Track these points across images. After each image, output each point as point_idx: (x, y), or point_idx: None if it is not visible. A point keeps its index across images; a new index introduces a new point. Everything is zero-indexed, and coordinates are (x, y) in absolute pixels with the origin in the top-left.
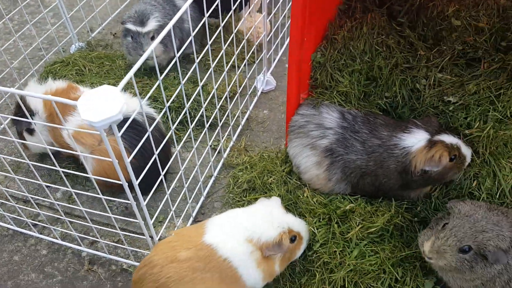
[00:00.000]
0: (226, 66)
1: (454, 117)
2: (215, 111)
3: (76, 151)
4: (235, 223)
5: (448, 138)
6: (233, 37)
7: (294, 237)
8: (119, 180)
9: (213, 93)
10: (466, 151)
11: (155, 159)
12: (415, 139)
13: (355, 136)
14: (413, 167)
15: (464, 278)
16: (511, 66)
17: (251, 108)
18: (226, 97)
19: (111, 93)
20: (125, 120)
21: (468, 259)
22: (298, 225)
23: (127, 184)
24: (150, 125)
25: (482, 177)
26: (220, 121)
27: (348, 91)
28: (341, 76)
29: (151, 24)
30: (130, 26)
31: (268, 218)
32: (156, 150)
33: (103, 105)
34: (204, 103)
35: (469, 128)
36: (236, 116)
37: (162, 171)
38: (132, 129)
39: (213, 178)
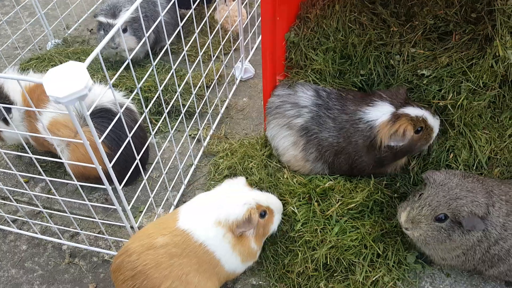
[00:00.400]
0: (201, 51)
1: (428, 90)
2: (191, 97)
3: (51, 143)
4: (204, 207)
5: (413, 111)
6: (207, 26)
7: (263, 212)
8: (96, 170)
9: (186, 79)
10: (433, 122)
11: (129, 144)
12: (379, 113)
13: (328, 113)
14: (379, 143)
15: (445, 248)
16: (481, 37)
17: (230, 96)
18: (203, 85)
19: (77, 69)
20: (101, 110)
21: (444, 228)
22: (266, 199)
23: (100, 167)
24: (127, 116)
25: (457, 149)
26: (198, 108)
27: (322, 69)
28: (315, 54)
29: (123, 16)
30: (102, 18)
31: (234, 197)
32: (133, 140)
33: (69, 81)
34: (178, 88)
35: (443, 100)
36: (214, 104)
37: (138, 158)
38: (108, 120)
39: (193, 167)
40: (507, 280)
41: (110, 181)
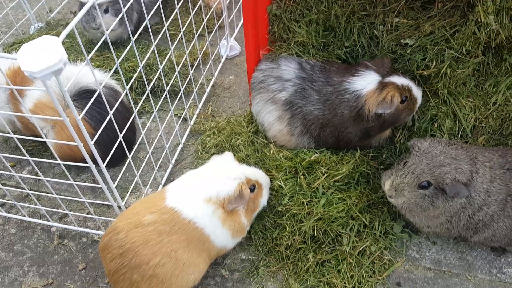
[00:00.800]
0: (182, 28)
1: (412, 59)
2: (174, 76)
3: (36, 126)
4: (193, 185)
5: (399, 79)
6: (188, 3)
7: (253, 186)
8: (80, 151)
9: (168, 57)
10: (417, 92)
11: (110, 120)
12: (365, 82)
13: (312, 85)
14: (366, 112)
15: (429, 216)
16: (464, 3)
17: (216, 74)
18: (187, 64)
19: (51, 43)
20: (86, 91)
21: (428, 195)
22: (255, 173)
23: (82, 145)
24: (112, 97)
25: (441, 118)
26: (182, 87)
27: (305, 41)
28: (298, 26)
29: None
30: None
31: (223, 173)
32: (119, 121)
33: (43, 55)
34: (160, 65)
35: (427, 69)
36: (199, 83)
37: (121, 136)
38: (93, 101)
39: (180, 146)
40: (492, 245)
41: (97, 162)
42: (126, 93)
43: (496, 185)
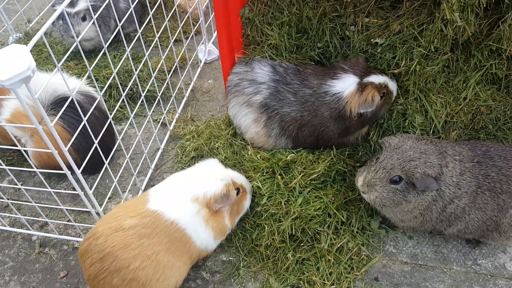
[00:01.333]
0: (157, 33)
1: (383, 58)
2: (150, 81)
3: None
4: (178, 186)
5: (377, 78)
6: (162, 7)
7: (238, 189)
8: (59, 162)
9: (144, 62)
10: (393, 86)
11: (94, 132)
12: (345, 84)
13: (287, 88)
14: (348, 112)
15: (402, 210)
16: (430, 1)
17: (194, 79)
18: (164, 69)
19: (19, 51)
20: (63, 99)
21: (399, 189)
22: (239, 177)
23: (56, 152)
24: (90, 104)
25: (412, 115)
26: (159, 92)
27: (278, 44)
28: (270, 29)
29: (81, 4)
30: (59, 7)
31: (210, 174)
32: (98, 128)
33: (11, 63)
34: (136, 70)
35: (397, 67)
36: (178, 88)
37: (96, 142)
38: (72, 109)
39: (160, 150)
40: (466, 237)
41: (78, 169)
42: (104, 100)
43: (466, 178)
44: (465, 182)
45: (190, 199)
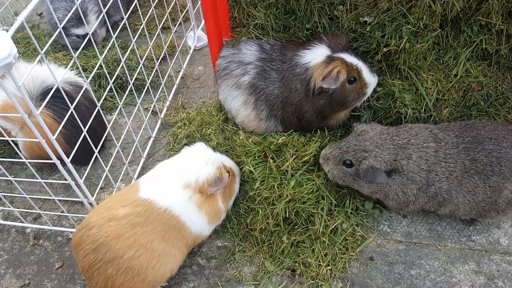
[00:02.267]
0: (144, 20)
1: (372, 37)
2: (138, 68)
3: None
4: (168, 173)
5: (350, 58)
6: None
7: (228, 172)
8: (48, 151)
9: (130, 49)
10: (369, 77)
11: (84, 122)
12: (314, 55)
13: (271, 65)
14: (312, 84)
15: (366, 192)
16: None
17: (184, 66)
18: (157, 57)
19: (0, 38)
20: (54, 90)
21: (350, 173)
22: (228, 161)
23: (44, 141)
24: (78, 94)
25: (402, 94)
26: (148, 79)
27: (264, 24)
28: (256, 11)
29: (93, 21)
30: (77, 31)
31: (200, 159)
32: (88, 119)
33: None
34: (123, 57)
35: (387, 46)
36: (167, 75)
37: (85, 130)
38: (61, 99)
39: (152, 139)
40: (463, 218)
41: (72, 160)
42: (94, 90)
43: (445, 165)
44: (443, 169)
45: (181, 185)
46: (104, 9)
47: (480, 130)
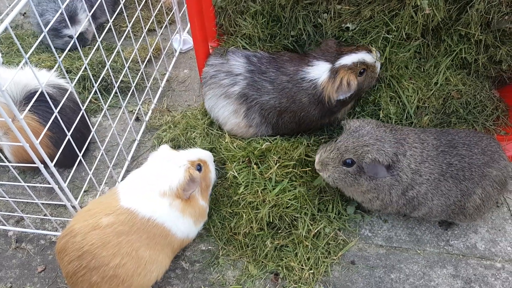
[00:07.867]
0: (129, 23)
1: (355, 42)
2: (124, 71)
3: None
4: (144, 183)
5: (349, 58)
6: None
7: (199, 166)
8: (37, 153)
9: (116, 51)
10: (371, 58)
11: (70, 126)
12: (318, 71)
13: (263, 77)
14: (327, 99)
15: (357, 191)
16: None
17: (170, 68)
18: (142, 60)
19: None
20: (36, 93)
21: (351, 172)
22: (194, 154)
23: (28, 145)
24: (63, 96)
25: (385, 101)
26: (133, 82)
27: (251, 34)
28: (243, 19)
29: (83, 20)
30: (68, 31)
31: (166, 165)
32: (74, 121)
33: None
34: (108, 61)
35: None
36: (152, 78)
37: (69, 134)
38: (45, 102)
39: (136, 142)
40: (432, 220)
41: (59, 163)
42: (78, 92)
43: (428, 166)
44: (427, 170)
45: (159, 194)
46: (91, 10)
47: (455, 135)
